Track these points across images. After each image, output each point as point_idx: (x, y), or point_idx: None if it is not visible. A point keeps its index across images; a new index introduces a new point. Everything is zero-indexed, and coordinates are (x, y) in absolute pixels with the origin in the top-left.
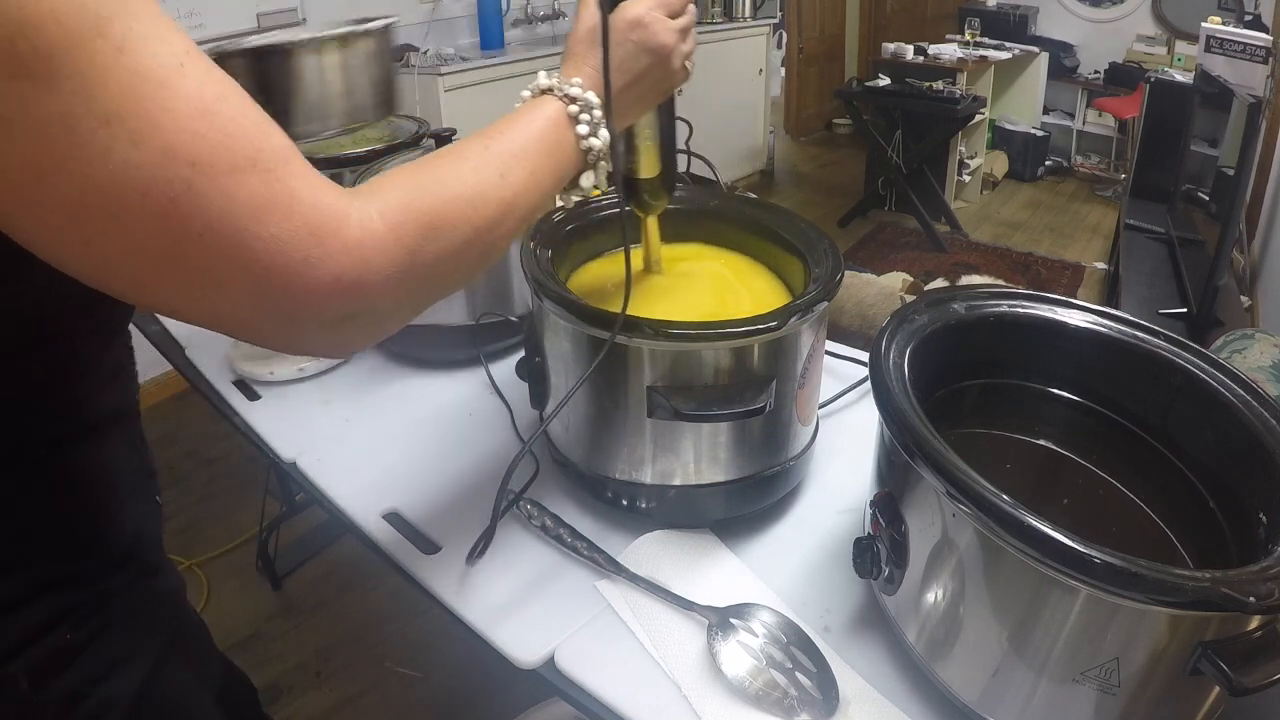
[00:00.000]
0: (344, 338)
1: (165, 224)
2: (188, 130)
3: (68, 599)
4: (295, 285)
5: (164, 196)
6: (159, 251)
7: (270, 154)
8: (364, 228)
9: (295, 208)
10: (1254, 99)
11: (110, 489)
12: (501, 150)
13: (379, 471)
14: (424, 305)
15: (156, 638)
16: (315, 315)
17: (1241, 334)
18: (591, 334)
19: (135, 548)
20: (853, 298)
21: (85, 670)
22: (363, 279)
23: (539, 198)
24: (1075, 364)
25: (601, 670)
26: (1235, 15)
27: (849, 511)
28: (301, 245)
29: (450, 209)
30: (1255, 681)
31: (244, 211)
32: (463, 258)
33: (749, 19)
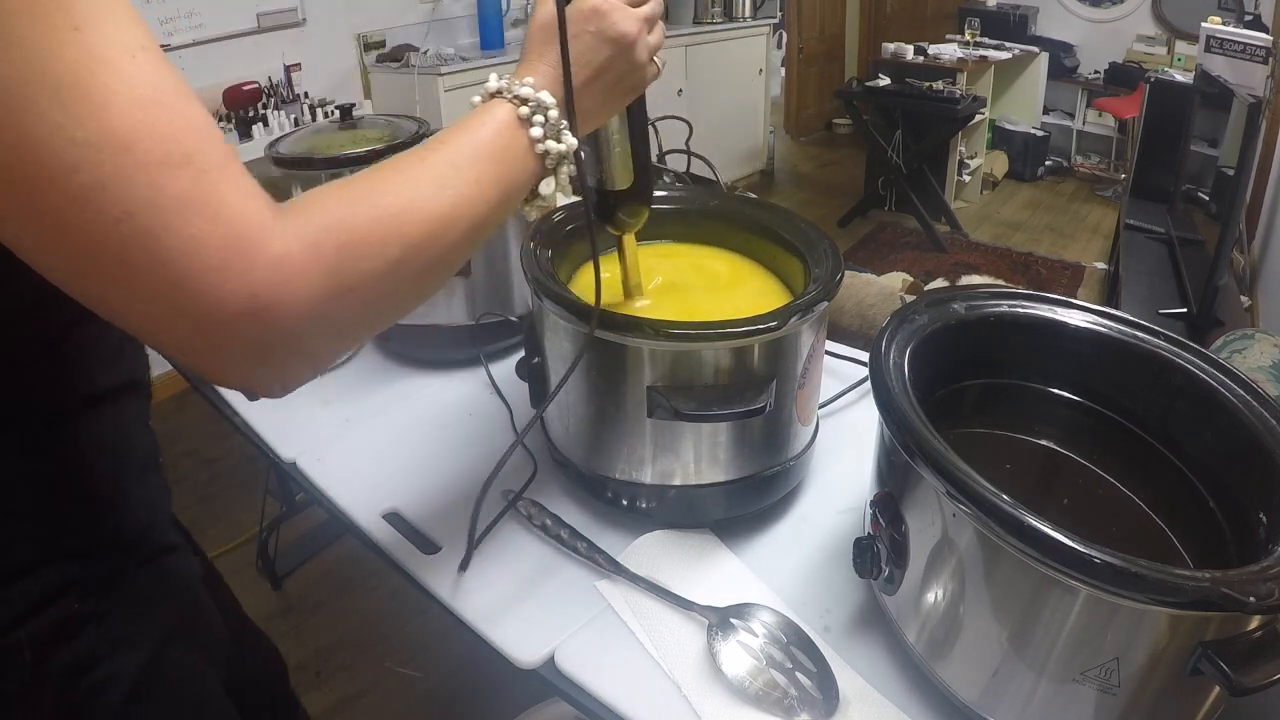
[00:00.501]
0: (272, 369)
1: (89, 204)
2: (128, 116)
3: (75, 571)
4: (209, 295)
5: (92, 176)
6: (79, 233)
7: (207, 155)
8: (285, 243)
9: (221, 212)
10: (1254, 99)
11: (120, 464)
12: (440, 160)
13: (379, 471)
14: (361, 332)
15: (165, 617)
16: (231, 334)
17: (1241, 334)
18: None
19: (147, 525)
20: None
21: (90, 644)
22: (281, 300)
23: (486, 208)
24: (1075, 364)
25: (601, 670)
26: (1235, 15)
27: (849, 511)
28: (219, 251)
29: (376, 226)
30: (1255, 681)
31: (168, 205)
32: (395, 277)
33: (749, 19)
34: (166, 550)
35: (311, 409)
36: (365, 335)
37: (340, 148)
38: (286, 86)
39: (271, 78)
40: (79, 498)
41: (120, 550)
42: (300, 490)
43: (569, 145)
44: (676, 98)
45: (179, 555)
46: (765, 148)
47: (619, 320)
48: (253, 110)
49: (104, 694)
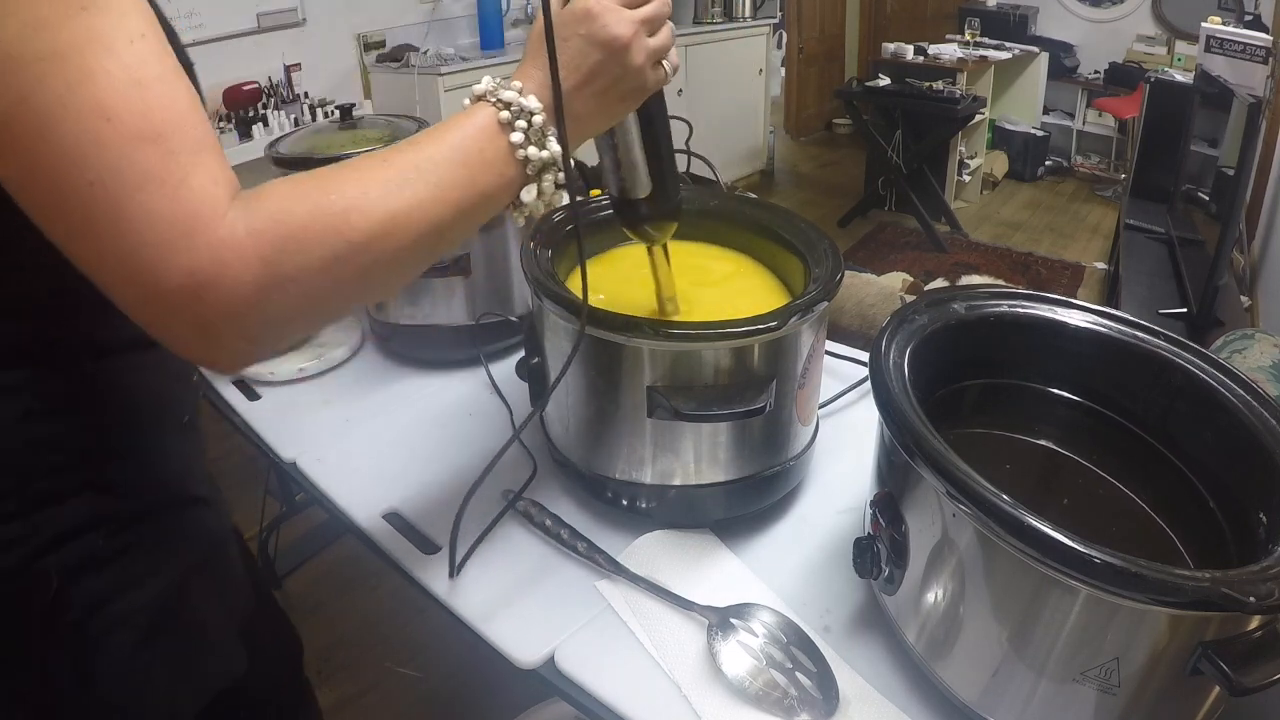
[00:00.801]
0: (212, 346)
1: (66, 162)
2: (115, 92)
3: (105, 506)
4: (155, 267)
5: (71, 137)
6: (56, 186)
7: (182, 138)
8: (231, 229)
9: (180, 192)
10: (1254, 99)
11: (159, 413)
12: (403, 161)
13: (379, 471)
14: (300, 322)
15: (186, 560)
16: (172, 307)
17: (1241, 334)
18: (591, 333)
19: (180, 475)
20: (853, 298)
21: (113, 577)
22: (216, 281)
23: (447, 212)
24: (1075, 364)
25: (601, 670)
26: (1235, 15)
27: (849, 511)
28: (170, 229)
29: (319, 221)
30: (1255, 681)
31: (133, 177)
32: (333, 273)
33: (749, 19)
34: (195, 502)
35: (311, 409)
36: (306, 326)
37: (340, 148)
38: (286, 86)
39: (271, 78)
40: (116, 438)
41: (150, 493)
42: (300, 490)
43: (553, 153)
44: (676, 98)
45: (208, 509)
46: (765, 148)
47: (619, 320)
48: (253, 110)
49: (120, 627)
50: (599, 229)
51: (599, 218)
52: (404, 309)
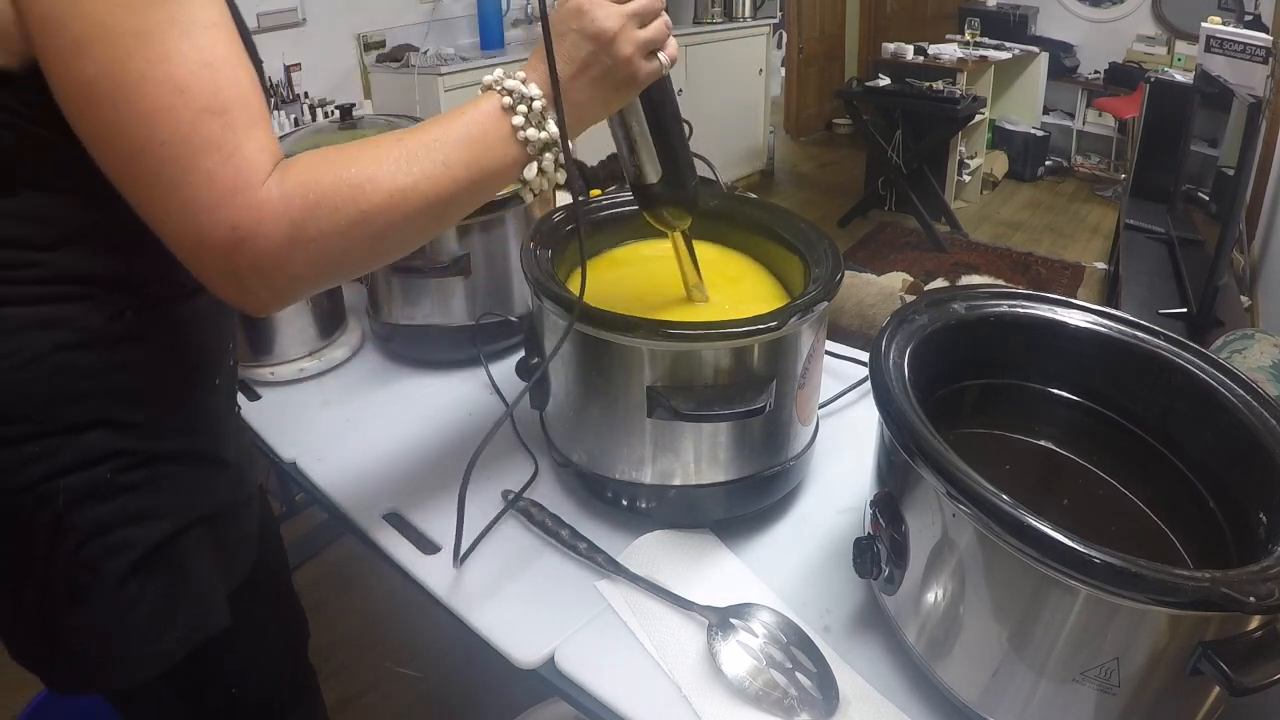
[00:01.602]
0: (243, 289)
1: (144, 126)
2: (189, 71)
3: (119, 443)
4: (205, 218)
5: (151, 105)
6: (133, 144)
7: (240, 113)
8: (268, 193)
9: (233, 158)
10: (1254, 99)
11: (189, 365)
12: (415, 141)
13: (379, 471)
14: (319, 276)
15: (191, 513)
16: (215, 255)
17: (1241, 334)
18: (591, 334)
19: (201, 431)
20: (853, 298)
21: (115, 510)
22: (253, 234)
23: (453, 187)
24: (1075, 364)
25: (601, 670)
26: (1235, 15)
27: (849, 511)
28: (221, 188)
29: (339, 190)
30: (1255, 681)
31: (198, 142)
32: (348, 236)
33: (749, 19)
34: (212, 461)
35: (311, 409)
36: (324, 281)
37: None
38: (286, 86)
39: (271, 78)
40: (143, 382)
41: (166, 441)
42: (300, 490)
43: (551, 134)
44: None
45: (224, 471)
46: (765, 148)
47: (619, 320)
48: None
49: (113, 556)
50: (599, 229)
51: (599, 217)
52: (404, 309)
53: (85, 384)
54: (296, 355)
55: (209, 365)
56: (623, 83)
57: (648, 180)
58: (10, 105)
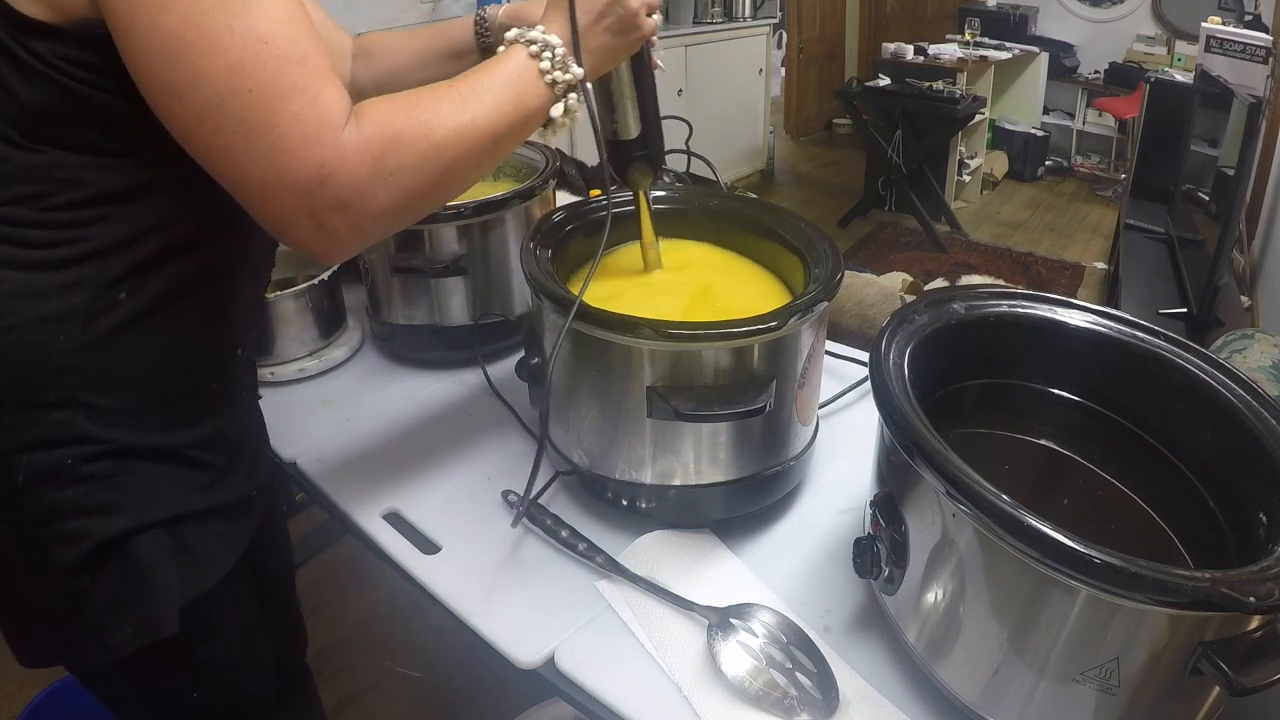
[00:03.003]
0: (323, 228)
1: (231, 74)
2: (271, 23)
3: (86, 429)
4: (293, 157)
5: (238, 55)
6: (218, 92)
7: (318, 63)
8: (349, 134)
9: (318, 100)
10: (1254, 99)
11: (174, 366)
12: (464, 86)
13: (379, 471)
14: (394, 212)
15: (154, 512)
16: (298, 191)
17: (1241, 334)
18: (591, 333)
19: (180, 432)
20: (853, 298)
21: (74, 498)
22: (338, 170)
23: (503, 123)
24: (1075, 364)
25: (601, 670)
26: (1235, 15)
27: (849, 511)
28: (308, 128)
29: (411, 128)
30: (1255, 681)
31: (285, 86)
32: (421, 170)
33: (749, 19)
34: (190, 463)
35: (311, 409)
36: (397, 217)
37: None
38: None
39: None
40: (123, 371)
41: (136, 435)
42: (300, 490)
43: (575, 75)
44: (676, 98)
45: (199, 474)
46: (765, 148)
47: (619, 320)
48: None
49: (67, 544)
50: (600, 229)
51: (599, 217)
52: (404, 309)
53: (63, 361)
54: (296, 355)
55: (203, 366)
56: (630, 31)
57: (630, 135)
58: (50, 59)
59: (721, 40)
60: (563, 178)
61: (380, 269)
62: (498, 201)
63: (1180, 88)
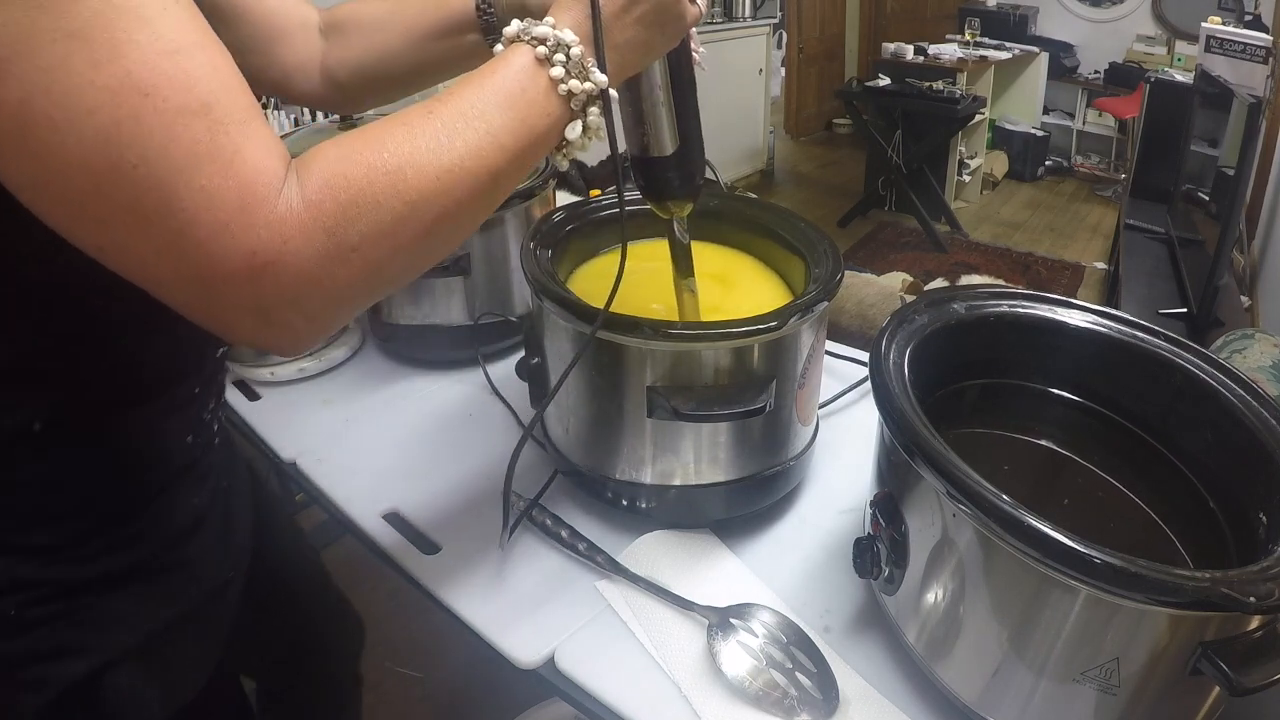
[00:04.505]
0: (275, 329)
1: (104, 147)
2: (149, 63)
3: (28, 572)
4: (212, 249)
5: (109, 119)
6: (92, 174)
7: (228, 108)
8: (289, 203)
9: (234, 166)
10: (1254, 99)
11: (95, 490)
12: (448, 112)
13: (379, 471)
14: (365, 294)
15: (122, 644)
16: (231, 291)
17: (1241, 334)
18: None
19: (145, 543)
20: (853, 298)
21: (27, 646)
22: (279, 260)
23: (503, 159)
24: (1075, 364)
25: (601, 670)
26: (1235, 15)
27: (849, 511)
28: (227, 207)
29: (374, 182)
30: (1255, 681)
31: (182, 154)
32: (395, 237)
33: (749, 19)
34: (155, 571)
35: (311, 409)
36: (370, 297)
37: None
38: None
39: None
40: (59, 500)
41: (86, 564)
42: (300, 490)
43: (597, 83)
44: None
45: (175, 577)
46: (765, 148)
47: (620, 320)
48: None
49: (29, 693)
50: (600, 229)
51: (600, 217)
52: (404, 309)
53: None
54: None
55: (142, 477)
56: (670, 23)
57: (664, 152)
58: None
59: (721, 40)
60: (563, 178)
61: None
62: None
63: (1180, 88)
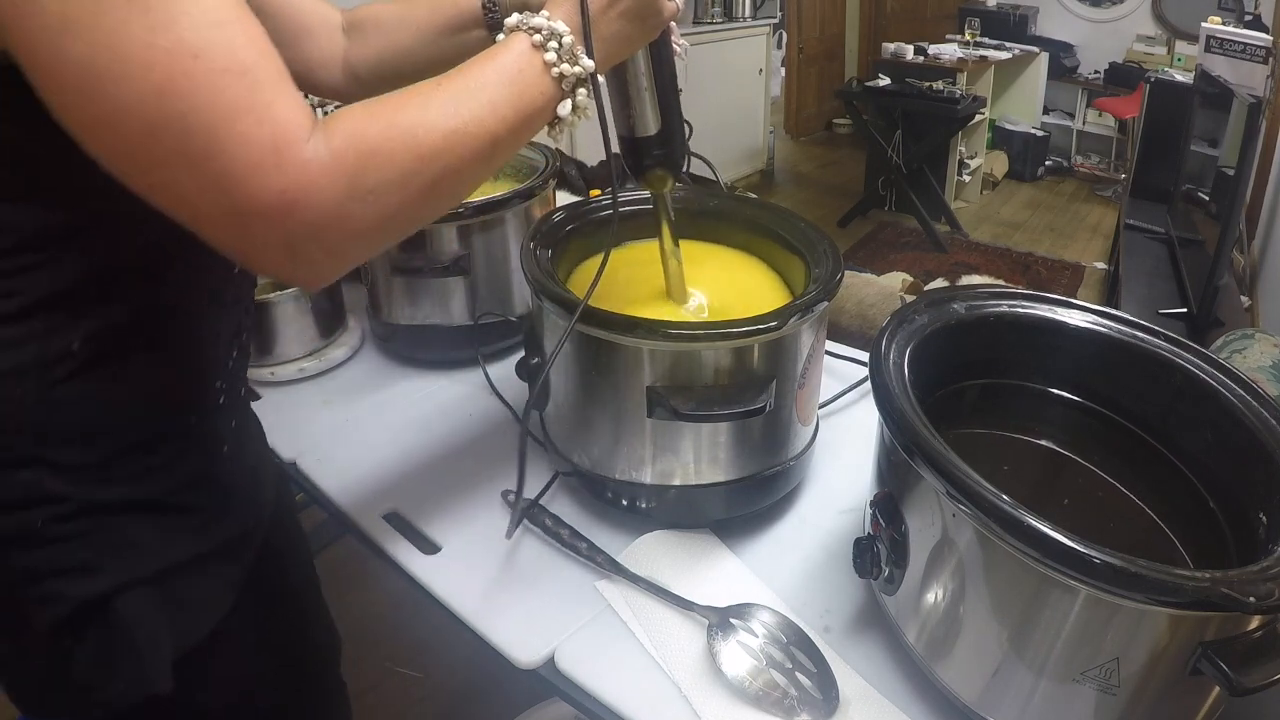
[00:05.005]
0: (299, 261)
1: (158, 99)
2: (199, 31)
3: (52, 488)
4: (249, 186)
5: (165, 75)
6: (146, 122)
7: (265, 70)
8: (315, 150)
9: (269, 117)
10: (1254, 99)
11: (133, 415)
12: (457, 85)
13: (379, 471)
14: (378, 234)
15: (137, 569)
16: (263, 225)
17: (1241, 334)
18: (591, 334)
19: (170, 476)
20: (853, 298)
21: (47, 560)
22: (305, 198)
23: (501, 127)
24: (1075, 364)
25: (601, 670)
26: (1235, 15)
27: (849, 511)
28: (261, 150)
29: (392, 139)
30: (1255, 681)
31: (226, 106)
32: (406, 186)
33: (749, 19)
34: (175, 508)
35: (311, 409)
36: (383, 238)
37: None
38: None
39: None
40: (83, 422)
41: (106, 491)
42: (300, 490)
43: (585, 67)
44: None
45: (194, 519)
46: (765, 148)
47: (619, 320)
48: None
49: (43, 607)
50: (600, 228)
51: (600, 217)
52: (404, 309)
53: (21, 419)
54: (296, 355)
55: (174, 407)
56: (649, 17)
57: (647, 131)
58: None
59: (721, 40)
60: (563, 178)
61: (380, 269)
62: (498, 201)
63: (1180, 88)
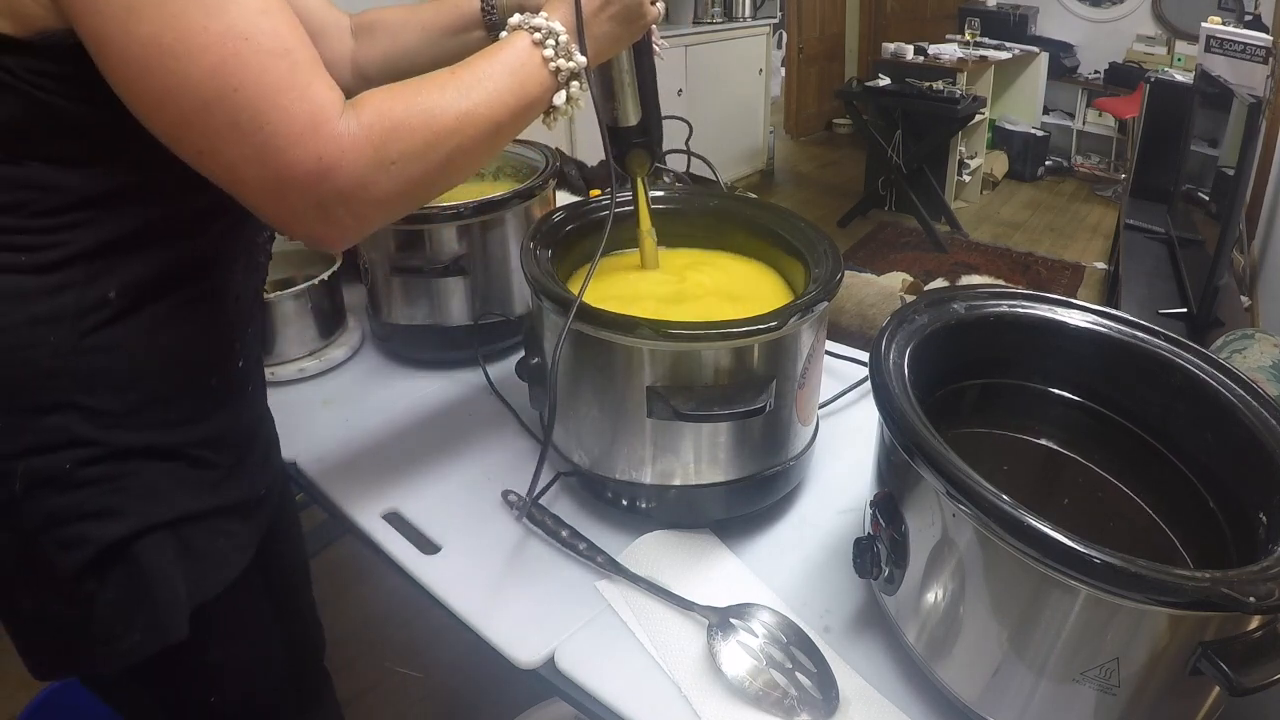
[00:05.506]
0: (329, 219)
1: (212, 76)
2: (247, 18)
3: (83, 432)
4: (289, 155)
5: (218, 55)
6: (201, 96)
7: (304, 53)
8: (347, 125)
9: (307, 94)
10: (1254, 99)
11: (172, 361)
12: (466, 74)
13: (379, 471)
14: (399, 199)
15: (158, 514)
16: (301, 189)
17: (1241, 334)
18: (592, 333)
19: (180, 429)
20: (853, 298)
21: (74, 503)
22: (337, 164)
23: (505, 112)
24: (1075, 364)
25: (601, 670)
26: (1235, 15)
27: (849, 511)
28: (301, 123)
29: (411, 117)
30: (1255, 681)
31: (271, 84)
32: (425, 158)
33: (749, 19)
34: (194, 461)
35: (311, 409)
36: (403, 204)
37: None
38: None
39: None
40: (117, 371)
41: (135, 436)
42: (300, 490)
43: (578, 63)
44: (676, 98)
45: (205, 473)
46: (765, 148)
47: (619, 320)
48: None
49: (69, 551)
50: (600, 229)
51: (600, 217)
52: (404, 309)
53: (55, 363)
54: (296, 355)
55: (200, 361)
56: (635, 19)
57: (629, 122)
58: (17, 72)
59: (721, 40)
60: (563, 178)
61: (380, 269)
62: (498, 201)
63: (1180, 88)
